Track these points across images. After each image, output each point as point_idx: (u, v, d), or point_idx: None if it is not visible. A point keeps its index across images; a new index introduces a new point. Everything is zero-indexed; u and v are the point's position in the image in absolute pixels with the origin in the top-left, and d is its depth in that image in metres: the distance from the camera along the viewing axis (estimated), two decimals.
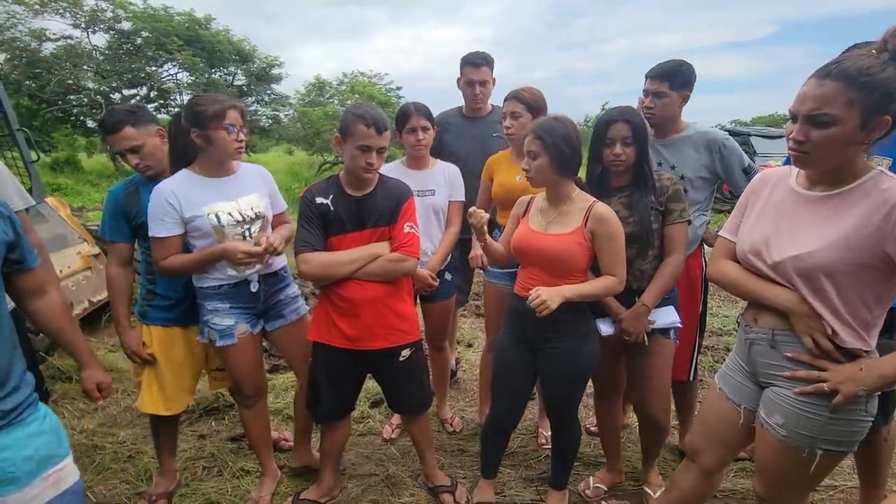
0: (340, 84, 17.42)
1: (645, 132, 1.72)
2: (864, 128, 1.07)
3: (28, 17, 14.35)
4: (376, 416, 2.68)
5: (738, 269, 1.37)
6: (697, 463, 1.52)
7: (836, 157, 1.12)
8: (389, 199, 1.77)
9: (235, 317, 1.82)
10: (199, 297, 1.81)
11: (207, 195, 1.72)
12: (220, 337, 1.80)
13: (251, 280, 1.82)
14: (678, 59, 1.99)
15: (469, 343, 3.72)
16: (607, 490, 2.11)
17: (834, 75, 1.07)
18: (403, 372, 1.85)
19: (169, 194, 1.68)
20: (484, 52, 2.55)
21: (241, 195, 1.78)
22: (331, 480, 2.03)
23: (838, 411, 1.17)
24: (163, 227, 1.68)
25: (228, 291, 1.79)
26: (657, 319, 1.79)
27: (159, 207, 1.67)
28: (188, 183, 1.72)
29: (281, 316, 1.94)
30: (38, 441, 1.07)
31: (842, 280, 1.15)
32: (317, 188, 1.77)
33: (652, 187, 1.74)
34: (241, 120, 1.71)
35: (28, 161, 3.55)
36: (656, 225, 1.74)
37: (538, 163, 1.63)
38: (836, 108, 1.06)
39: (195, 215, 1.69)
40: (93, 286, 3.40)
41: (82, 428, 2.54)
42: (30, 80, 14.59)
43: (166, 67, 16.65)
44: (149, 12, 15.60)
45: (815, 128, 1.09)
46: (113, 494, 2.10)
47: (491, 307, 2.39)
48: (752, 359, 1.35)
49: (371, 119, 1.61)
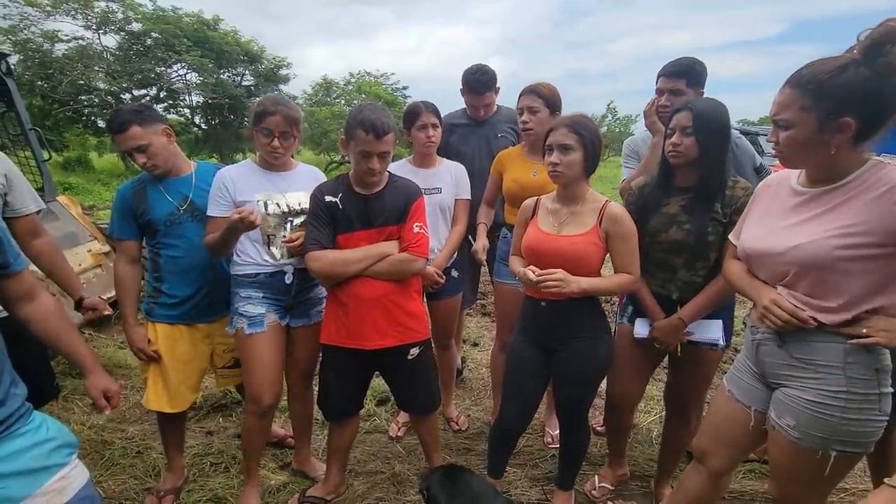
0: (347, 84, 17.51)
1: (715, 124, 1.54)
2: (822, 129, 1.11)
3: (41, 18, 14.59)
4: (382, 414, 2.68)
5: (739, 269, 1.41)
6: (706, 465, 1.50)
7: (805, 155, 1.19)
8: (398, 199, 1.77)
9: (267, 306, 1.84)
10: (234, 284, 1.85)
11: (260, 184, 1.82)
12: (250, 324, 1.81)
13: (286, 272, 1.84)
14: (689, 56, 1.98)
15: (475, 342, 3.72)
16: (613, 488, 2.10)
17: (792, 83, 1.15)
18: (412, 371, 1.85)
19: (227, 178, 1.79)
20: (485, 68, 2.44)
21: (291, 190, 1.85)
22: (337, 478, 2.03)
23: (850, 411, 1.15)
24: (216, 206, 1.78)
25: (264, 280, 1.83)
26: (696, 332, 1.70)
27: (217, 189, 1.79)
28: (247, 171, 1.84)
29: (306, 315, 1.95)
30: (30, 454, 1.02)
31: (841, 269, 1.14)
32: (326, 186, 1.77)
33: (721, 194, 1.58)
34: (283, 125, 1.75)
35: (40, 160, 3.60)
36: (714, 237, 1.57)
37: (571, 157, 1.58)
38: (790, 113, 1.15)
39: (246, 200, 1.78)
40: (103, 284, 3.44)
41: (92, 423, 2.57)
42: (42, 80, 14.82)
43: (175, 68, 16.82)
44: (158, 14, 15.78)
45: (780, 130, 1.19)
46: (122, 490, 2.12)
47: (501, 307, 2.39)
48: (760, 360, 1.34)
49: (370, 125, 1.58)
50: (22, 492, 1.00)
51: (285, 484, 2.15)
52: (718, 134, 1.55)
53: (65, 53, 15.12)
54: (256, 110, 1.76)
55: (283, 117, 1.74)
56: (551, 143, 1.62)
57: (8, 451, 1.01)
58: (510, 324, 2.35)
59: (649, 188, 1.73)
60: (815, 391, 1.20)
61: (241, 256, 1.83)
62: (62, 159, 15.55)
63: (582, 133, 1.57)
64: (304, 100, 18.48)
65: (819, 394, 1.19)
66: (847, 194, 1.15)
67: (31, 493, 1.01)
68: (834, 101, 1.08)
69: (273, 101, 1.78)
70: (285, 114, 1.74)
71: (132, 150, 1.77)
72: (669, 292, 1.70)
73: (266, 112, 1.73)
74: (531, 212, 1.77)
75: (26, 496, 1.00)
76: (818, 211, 1.19)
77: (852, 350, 1.15)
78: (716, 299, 1.64)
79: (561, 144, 1.59)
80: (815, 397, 1.19)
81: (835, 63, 1.10)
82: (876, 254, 1.11)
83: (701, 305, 1.65)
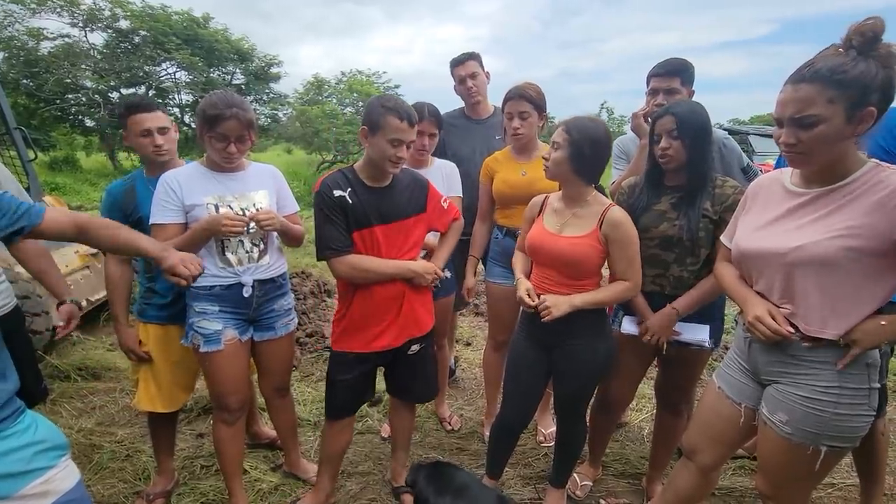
0: (339, 83, 17.38)
1: (698, 127, 1.59)
2: (850, 121, 1.10)
3: (26, 16, 14.32)
4: (374, 415, 2.68)
5: (731, 275, 1.42)
6: (695, 461, 1.52)
7: (830, 152, 1.15)
8: (414, 187, 1.77)
9: (223, 321, 1.73)
10: (189, 296, 1.74)
11: (211, 187, 1.71)
12: (205, 342, 1.71)
13: (245, 284, 1.74)
14: (677, 57, 2.01)
15: (468, 342, 3.72)
16: (591, 484, 2.13)
17: (808, 79, 1.11)
18: (420, 360, 1.86)
19: (173, 181, 1.68)
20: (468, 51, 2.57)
21: (245, 191, 1.75)
22: (329, 486, 1.96)
23: (842, 406, 1.17)
24: (163, 213, 1.66)
25: (220, 293, 1.72)
26: (684, 333, 1.72)
27: (163, 193, 1.67)
28: (195, 173, 1.72)
29: (271, 328, 1.86)
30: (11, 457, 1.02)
31: (837, 273, 1.15)
32: (332, 181, 1.67)
33: (709, 193, 1.63)
34: (238, 130, 1.64)
35: (25, 160, 3.54)
36: (704, 233, 1.62)
37: (557, 155, 1.60)
38: (818, 108, 1.10)
39: (195, 204, 1.67)
40: (91, 285, 3.39)
41: (80, 427, 2.53)
42: (27, 78, 14.56)
43: (165, 66, 16.59)
44: (147, 11, 15.56)
45: (802, 130, 1.13)
46: (110, 494, 2.09)
47: (493, 307, 2.39)
48: (752, 357, 1.35)
49: (405, 113, 1.58)
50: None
51: (277, 486, 2.13)
52: (702, 132, 1.60)
53: (51, 51, 14.86)
54: (209, 113, 1.60)
55: (239, 121, 1.62)
56: (551, 139, 1.66)
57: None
58: (502, 323, 2.36)
59: (640, 188, 1.75)
60: (808, 387, 1.21)
61: None
62: (49, 159, 15.28)
63: (571, 133, 1.58)
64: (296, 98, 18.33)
65: (813, 389, 1.20)
66: (849, 195, 1.15)
67: (9, 496, 1.00)
68: (858, 91, 1.08)
69: (226, 102, 1.61)
70: (241, 117, 1.62)
71: (156, 129, 1.78)
72: (662, 288, 1.72)
73: (221, 117, 1.59)
74: (538, 209, 1.77)
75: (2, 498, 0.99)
76: (822, 212, 1.18)
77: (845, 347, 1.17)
78: (710, 294, 1.67)
79: (553, 141, 1.63)
80: (808, 393, 1.21)
81: (843, 57, 1.11)
82: (873, 257, 1.12)
83: (694, 299, 1.67)
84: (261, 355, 1.91)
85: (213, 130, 1.63)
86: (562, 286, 1.64)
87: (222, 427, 1.84)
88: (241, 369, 1.83)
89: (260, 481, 2.15)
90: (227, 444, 1.85)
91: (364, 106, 1.72)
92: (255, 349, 1.89)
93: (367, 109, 1.65)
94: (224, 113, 1.60)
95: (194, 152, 17.74)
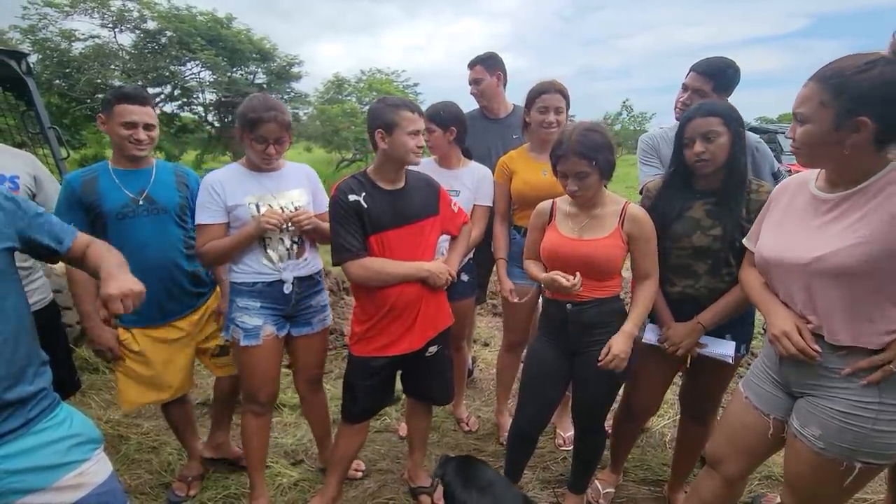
0: (359, 82, 17.52)
1: (740, 122, 1.50)
2: (838, 128, 1.08)
3: (59, 18, 14.81)
4: (392, 414, 2.69)
5: (756, 281, 1.38)
6: (720, 471, 1.48)
7: (819, 152, 1.15)
8: (426, 188, 1.80)
9: (264, 317, 1.79)
10: (232, 292, 1.81)
11: (251, 187, 1.77)
12: (245, 336, 1.78)
13: (285, 281, 1.80)
14: (727, 58, 1.90)
15: (485, 342, 3.71)
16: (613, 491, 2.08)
17: (815, 77, 1.12)
18: (436, 362, 1.87)
19: (215, 183, 1.74)
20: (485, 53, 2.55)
21: (283, 190, 1.81)
22: (336, 490, 1.95)
23: (881, 423, 1.13)
24: (207, 214, 1.73)
25: (262, 290, 1.78)
26: (710, 346, 1.66)
27: (205, 195, 1.74)
28: (235, 175, 1.78)
29: (308, 324, 1.91)
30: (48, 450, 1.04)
31: (864, 279, 1.11)
32: (346, 186, 1.69)
33: (745, 198, 1.54)
34: (277, 132, 1.70)
35: (59, 158, 3.66)
36: (741, 243, 1.51)
37: (589, 181, 1.56)
38: (807, 108, 1.12)
39: (237, 204, 1.74)
40: None
41: (108, 418, 2.61)
42: (60, 79, 15.05)
43: (189, 66, 16.95)
44: (173, 12, 15.93)
45: (798, 125, 1.16)
46: (137, 484, 2.15)
47: (508, 307, 2.37)
48: (784, 369, 1.31)
49: (413, 105, 1.68)
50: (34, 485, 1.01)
51: (297, 482, 2.17)
52: (742, 132, 1.55)
53: (82, 52, 15.34)
54: (249, 117, 1.67)
55: (278, 124, 1.69)
56: (564, 171, 1.59)
57: (26, 446, 1.02)
58: (517, 324, 2.35)
59: (667, 192, 1.68)
60: (845, 401, 1.16)
61: (239, 265, 1.79)
62: (79, 157, 15.80)
63: (589, 156, 1.53)
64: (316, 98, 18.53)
65: (850, 404, 1.16)
66: (872, 198, 1.11)
67: (44, 487, 1.02)
68: (852, 100, 1.05)
69: (265, 106, 1.69)
70: (280, 119, 1.69)
71: (142, 124, 1.75)
72: (690, 295, 1.65)
73: (261, 120, 1.67)
74: (548, 216, 1.75)
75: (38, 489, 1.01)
76: (843, 217, 1.15)
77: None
78: (734, 308, 1.60)
79: (577, 173, 1.57)
80: (845, 408, 1.16)
81: (862, 60, 1.06)
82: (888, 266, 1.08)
83: (720, 312, 1.61)
84: (297, 350, 1.96)
85: (254, 133, 1.69)
86: (585, 288, 1.61)
87: (251, 418, 1.90)
88: (275, 364, 1.88)
89: (280, 476, 2.18)
90: (254, 435, 1.92)
91: (367, 113, 1.75)
92: (291, 344, 1.94)
93: (373, 115, 1.68)
94: (263, 116, 1.67)
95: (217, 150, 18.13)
